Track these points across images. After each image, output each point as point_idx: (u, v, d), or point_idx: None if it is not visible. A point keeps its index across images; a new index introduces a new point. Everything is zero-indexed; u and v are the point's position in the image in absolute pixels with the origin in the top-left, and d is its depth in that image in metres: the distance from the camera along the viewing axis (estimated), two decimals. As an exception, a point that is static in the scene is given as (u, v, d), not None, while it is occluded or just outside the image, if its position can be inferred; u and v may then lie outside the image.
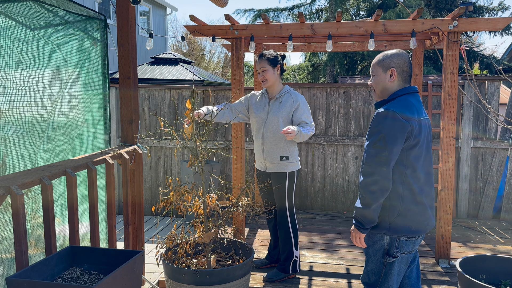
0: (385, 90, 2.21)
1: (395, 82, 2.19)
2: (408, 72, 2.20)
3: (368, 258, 2.26)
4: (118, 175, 5.73)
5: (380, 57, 2.23)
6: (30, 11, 2.58)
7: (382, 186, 2.03)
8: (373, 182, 2.03)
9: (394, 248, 2.15)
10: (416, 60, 4.96)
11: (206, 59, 24.44)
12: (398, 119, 2.03)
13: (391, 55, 2.20)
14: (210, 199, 2.78)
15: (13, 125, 2.46)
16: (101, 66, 3.33)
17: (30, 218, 2.50)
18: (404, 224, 2.12)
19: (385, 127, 2.03)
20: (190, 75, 10.52)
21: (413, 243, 2.18)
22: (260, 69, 3.31)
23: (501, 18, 3.63)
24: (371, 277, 2.25)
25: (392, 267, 2.18)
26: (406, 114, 2.06)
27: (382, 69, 2.20)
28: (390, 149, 2.02)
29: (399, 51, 2.21)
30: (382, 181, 2.03)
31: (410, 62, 2.21)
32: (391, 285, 2.21)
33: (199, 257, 2.94)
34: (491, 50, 19.91)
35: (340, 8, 12.67)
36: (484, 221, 5.29)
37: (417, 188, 2.12)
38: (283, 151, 3.32)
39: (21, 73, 2.51)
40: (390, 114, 2.04)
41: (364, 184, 2.05)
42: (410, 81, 2.22)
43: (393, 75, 2.17)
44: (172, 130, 2.69)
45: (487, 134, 5.36)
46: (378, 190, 2.03)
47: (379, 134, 2.04)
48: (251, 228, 4.90)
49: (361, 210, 2.08)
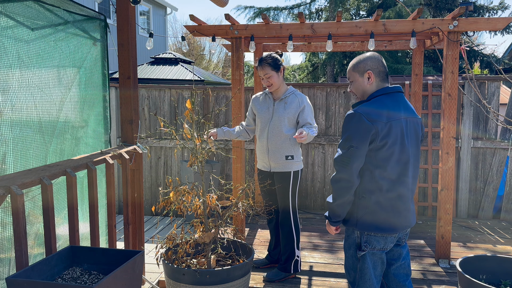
0: (365, 93, 2.28)
1: (373, 83, 2.25)
2: (384, 71, 2.26)
3: (345, 253, 2.38)
4: (118, 175, 5.73)
5: (354, 63, 2.30)
6: (30, 11, 2.58)
7: (345, 184, 2.15)
8: (338, 180, 2.16)
9: (363, 242, 2.23)
10: (416, 60, 4.96)
11: (206, 59, 24.44)
12: (363, 121, 2.11)
13: (365, 58, 2.26)
14: (210, 199, 2.78)
15: (21, 125, 2.47)
16: (101, 66, 3.33)
17: (29, 217, 2.50)
18: (372, 221, 2.20)
19: (350, 128, 2.14)
20: (190, 75, 10.52)
21: (384, 239, 2.23)
22: (264, 75, 3.30)
23: (501, 18, 3.63)
24: (351, 274, 2.35)
25: (365, 261, 2.25)
26: (372, 116, 2.11)
27: (358, 74, 2.27)
28: (351, 148, 2.12)
29: (371, 53, 2.28)
30: (345, 179, 2.14)
31: (383, 62, 2.28)
32: (368, 279, 2.26)
33: (199, 257, 2.94)
34: (491, 50, 19.91)
35: (340, 8, 12.67)
36: (484, 221, 5.29)
37: (386, 187, 2.17)
38: (289, 151, 3.33)
39: (25, 73, 2.51)
40: (356, 116, 2.13)
41: (332, 181, 2.19)
42: (388, 79, 2.28)
43: (371, 77, 2.24)
44: (172, 130, 2.69)
45: (487, 134, 5.36)
46: (343, 188, 2.15)
47: (346, 134, 2.15)
48: (251, 228, 4.90)
49: (329, 204, 2.25)
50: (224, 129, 3.52)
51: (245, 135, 3.63)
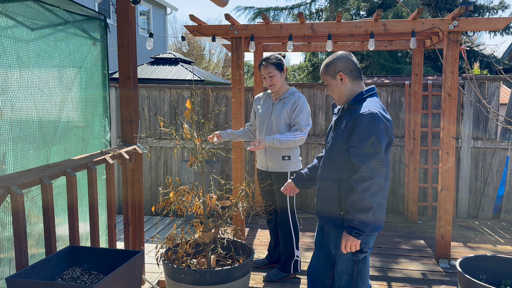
0: (342, 94, 2.26)
1: (347, 83, 2.24)
2: (355, 69, 2.25)
3: (338, 258, 2.29)
4: (118, 175, 5.73)
5: (324, 66, 2.28)
6: (30, 11, 2.58)
7: (378, 188, 2.07)
8: (370, 186, 2.05)
9: (363, 244, 2.20)
10: (416, 60, 4.96)
11: (206, 59, 24.44)
12: (382, 120, 2.09)
13: (333, 60, 2.25)
14: (210, 199, 2.78)
15: (21, 125, 2.47)
16: (101, 66, 3.33)
17: (29, 217, 2.50)
18: (374, 221, 2.18)
19: (373, 129, 2.07)
20: (190, 75, 10.51)
21: (374, 237, 2.28)
22: (268, 74, 3.30)
23: (501, 18, 3.63)
24: (342, 278, 2.28)
25: (365, 262, 2.26)
26: (385, 115, 2.13)
27: (330, 76, 2.26)
28: (381, 151, 2.07)
29: (339, 54, 2.26)
30: (378, 183, 2.07)
31: (353, 59, 2.25)
32: (367, 279, 2.30)
33: (199, 257, 2.94)
34: (491, 50, 19.92)
35: (340, 8, 12.67)
36: (484, 221, 5.29)
37: (385, 186, 2.20)
38: (285, 151, 3.33)
39: (25, 73, 2.51)
40: (375, 116, 2.08)
41: (363, 189, 2.05)
42: (361, 76, 2.27)
43: (343, 78, 2.23)
44: (172, 130, 2.69)
45: (487, 134, 5.36)
46: (376, 193, 2.07)
47: (370, 136, 2.06)
48: (251, 228, 4.90)
49: (360, 216, 2.07)
50: (228, 131, 3.53)
51: (250, 135, 3.64)
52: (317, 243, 2.48)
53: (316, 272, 2.49)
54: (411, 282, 3.50)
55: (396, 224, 5.12)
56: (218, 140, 3.38)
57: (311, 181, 2.55)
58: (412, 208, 5.20)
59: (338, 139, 2.21)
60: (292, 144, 3.22)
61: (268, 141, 3.16)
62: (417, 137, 5.09)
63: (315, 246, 2.52)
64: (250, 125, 3.66)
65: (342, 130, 2.19)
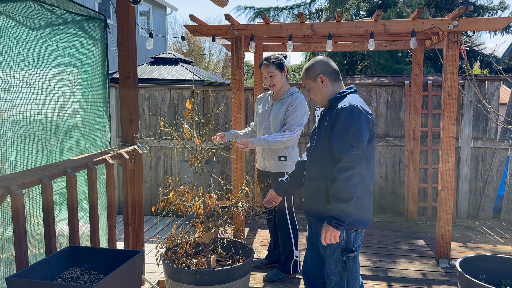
0: (324, 95, 2.35)
1: (328, 85, 2.34)
2: (334, 70, 2.36)
3: (326, 259, 2.30)
4: (118, 175, 5.73)
5: (304, 71, 2.39)
6: (30, 11, 2.58)
7: (360, 179, 2.09)
8: (352, 176, 2.07)
9: (351, 242, 2.23)
10: (416, 60, 4.96)
11: (206, 59, 24.43)
12: (363, 113, 2.15)
13: (312, 65, 2.36)
14: (210, 199, 2.78)
15: (22, 125, 2.47)
16: (101, 66, 3.33)
17: (29, 217, 2.50)
18: (361, 216, 2.21)
19: (355, 121, 2.12)
20: (190, 75, 10.51)
21: (361, 235, 2.30)
22: (268, 74, 3.30)
23: (501, 18, 3.63)
24: (331, 280, 2.28)
25: (355, 261, 2.27)
26: (365, 108, 2.19)
27: (312, 80, 2.36)
28: (362, 142, 2.10)
29: (317, 58, 2.37)
30: (360, 173, 2.09)
31: (331, 62, 2.36)
32: (358, 277, 2.31)
33: (199, 257, 2.94)
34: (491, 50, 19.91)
35: (340, 8, 12.66)
36: (484, 221, 5.29)
37: (369, 180, 2.22)
38: (282, 151, 3.33)
39: (26, 73, 2.51)
40: (356, 108, 2.15)
41: (345, 179, 2.07)
42: (340, 77, 2.37)
43: (324, 80, 2.33)
44: (172, 130, 2.69)
45: (487, 134, 5.36)
46: (357, 184, 2.08)
47: (351, 128, 2.11)
48: (251, 228, 4.90)
49: (341, 206, 2.08)
50: (232, 132, 3.53)
51: (254, 135, 3.64)
52: (309, 243, 2.49)
53: (311, 271, 2.50)
54: (411, 282, 3.50)
55: (396, 224, 5.12)
56: (221, 140, 3.37)
57: (292, 187, 2.58)
58: (412, 208, 5.20)
59: (322, 135, 2.26)
60: (281, 144, 3.21)
61: (255, 142, 3.17)
62: (417, 137, 5.09)
63: (307, 246, 2.52)
64: (254, 125, 3.66)
65: (326, 126, 2.25)
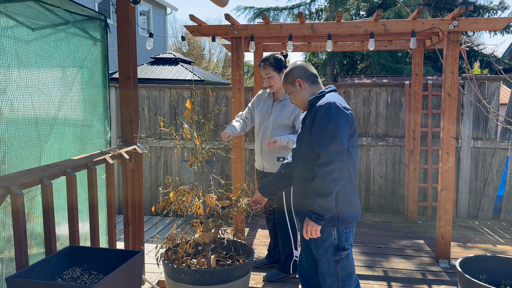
0: (304, 98, 2.39)
1: (306, 88, 2.38)
2: (312, 74, 2.39)
3: (319, 259, 2.31)
4: (118, 175, 5.73)
5: (283, 77, 2.44)
6: (30, 11, 2.58)
7: (340, 174, 2.11)
8: (332, 170, 2.09)
9: (343, 241, 2.25)
10: (416, 60, 4.96)
11: (206, 59, 24.44)
12: (341, 109, 2.17)
13: (290, 70, 2.40)
14: (210, 199, 2.78)
15: (17, 124, 2.46)
16: (101, 66, 3.33)
17: (29, 217, 2.50)
18: (350, 211, 2.23)
19: (332, 117, 2.14)
20: (190, 75, 10.52)
21: (353, 233, 2.32)
22: (266, 75, 3.30)
23: (501, 18, 3.63)
24: (326, 281, 2.29)
25: (348, 259, 2.28)
26: (343, 104, 2.22)
27: (290, 85, 2.40)
28: (340, 136, 2.12)
29: (295, 63, 2.42)
30: (340, 168, 2.10)
31: (308, 66, 2.40)
32: (353, 275, 2.32)
33: (199, 257, 2.94)
34: (491, 50, 19.90)
35: (340, 8, 12.66)
36: (484, 221, 5.29)
37: (353, 176, 2.24)
38: (281, 152, 3.33)
39: (24, 73, 2.51)
40: (332, 105, 2.17)
41: (324, 173, 2.09)
42: (318, 80, 2.40)
43: (301, 84, 2.37)
44: (172, 130, 2.69)
45: (487, 134, 5.36)
46: (337, 178, 2.10)
47: (329, 123, 2.14)
48: (251, 228, 4.90)
49: (320, 201, 2.10)
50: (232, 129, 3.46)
51: (248, 128, 3.63)
52: (303, 243, 2.49)
53: (307, 272, 2.50)
54: (411, 282, 3.50)
55: (396, 224, 5.12)
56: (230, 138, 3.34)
57: (277, 188, 2.59)
58: (412, 208, 5.20)
59: (306, 135, 2.29)
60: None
61: (284, 140, 3.17)
62: (417, 137, 5.09)
63: (301, 246, 2.53)
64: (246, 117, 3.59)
65: (307, 126, 2.29)
